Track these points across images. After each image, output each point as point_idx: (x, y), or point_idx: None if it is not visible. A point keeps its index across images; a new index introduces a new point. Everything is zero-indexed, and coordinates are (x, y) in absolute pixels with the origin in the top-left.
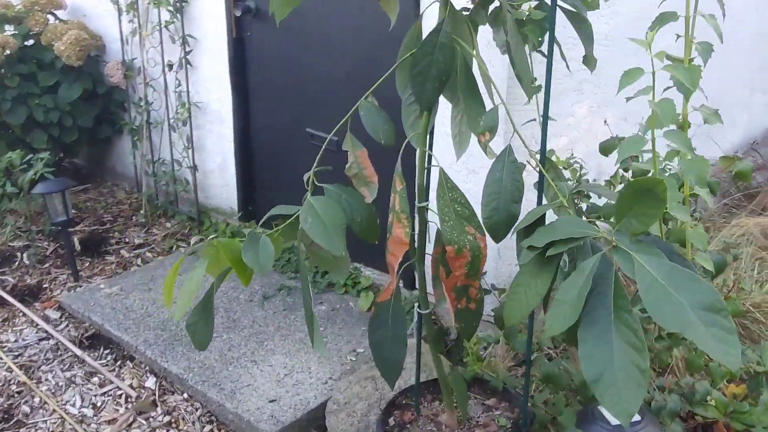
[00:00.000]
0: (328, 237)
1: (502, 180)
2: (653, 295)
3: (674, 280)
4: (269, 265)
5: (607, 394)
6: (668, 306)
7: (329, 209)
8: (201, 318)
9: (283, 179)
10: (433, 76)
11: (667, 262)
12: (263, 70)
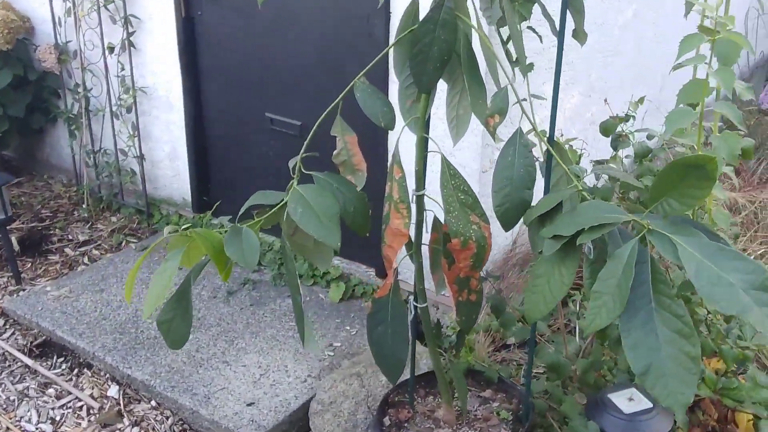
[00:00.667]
0: (323, 228)
1: (514, 165)
2: (704, 278)
3: (720, 260)
4: (255, 258)
5: (658, 385)
6: (721, 288)
7: (321, 198)
8: (177, 313)
9: (242, 167)
10: (434, 56)
11: (710, 242)
12: (216, 52)
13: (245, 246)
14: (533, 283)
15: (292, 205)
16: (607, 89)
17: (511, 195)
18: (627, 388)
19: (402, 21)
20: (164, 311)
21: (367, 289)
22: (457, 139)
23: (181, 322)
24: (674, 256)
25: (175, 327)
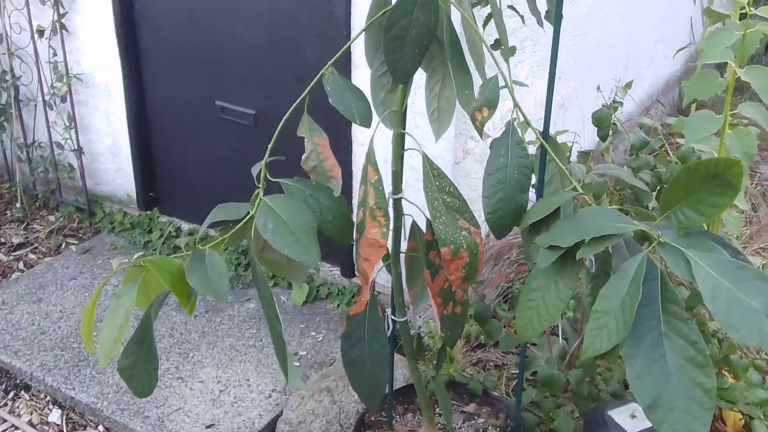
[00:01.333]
0: (299, 245)
1: (507, 166)
2: (722, 302)
3: (741, 281)
4: (225, 286)
5: (667, 421)
6: (740, 314)
7: (294, 210)
8: (139, 357)
9: (191, 160)
10: (412, 41)
11: (728, 259)
12: (159, 35)
13: (211, 273)
14: (527, 297)
15: (261, 221)
16: (576, 70)
17: (505, 200)
18: (627, 403)
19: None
20: (124, 355)
21: (332, 289)
22: (440, 133)
23: (144, 368)
24: (688, 273)
25: (138, 373)
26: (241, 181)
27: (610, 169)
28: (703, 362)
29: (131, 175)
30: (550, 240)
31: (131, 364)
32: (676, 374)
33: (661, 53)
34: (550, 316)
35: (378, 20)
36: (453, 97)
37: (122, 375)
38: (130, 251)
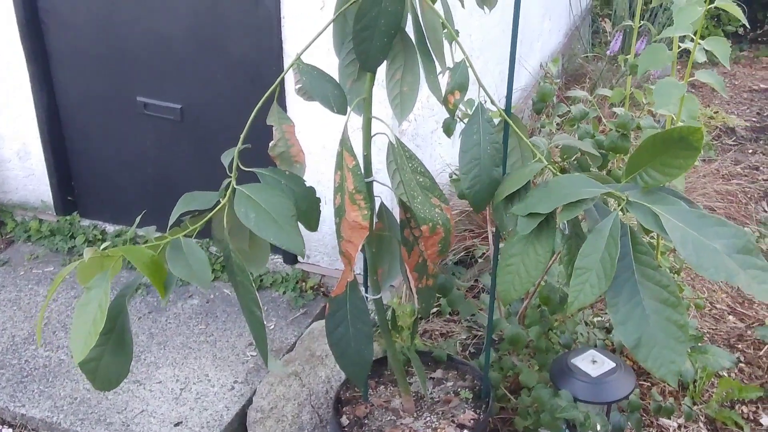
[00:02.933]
0: (283, 233)
1: (481, 143)
2: (690, 246)
3: (703, 228)
4: (208, 274)
5: (650, 357)
6: (707, 255)
7: (274, 198)
8: (107, 348)
9: (112, 159)
10: (381, 30)
11: (690, 210)
12: (68, 32)
13: (192, 261)
14: (507, 262)
15: (242, 210)
16: (485, 47)
17: (481, 176)
18: (586, 351)
19: None
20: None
21: (276, 277)
22: (403, 117)
23: (112, 358)
24: (657, 226)
25: (104, 365)
26: (168, 176)
27: (567, 139)
28: (675, 302)
29: (45, 180)
30: (529, 208)
31: (97, 356)
32: (653, 315)
33: (548, 28)
34: (531, 278)
35: (343, 12)
36: (415, 83)
37: (84, 369)
38: (53, 259)
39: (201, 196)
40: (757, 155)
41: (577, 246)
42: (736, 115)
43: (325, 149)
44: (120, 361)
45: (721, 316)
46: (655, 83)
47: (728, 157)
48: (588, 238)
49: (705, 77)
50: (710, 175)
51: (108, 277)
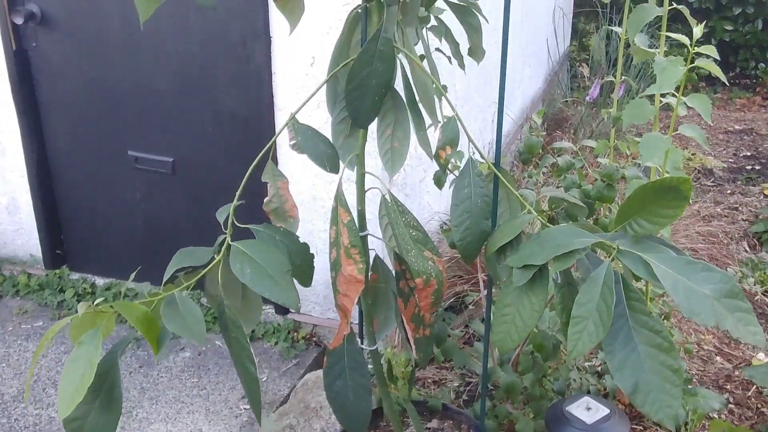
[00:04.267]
0: (279, 289)
1: (471, 197)
2: (681, 292)
3: (691, 274)
4: (203, 330)
5: (647, 402)
6: (697, 301)
7: (269, 254)
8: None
9: (102, 212)
10: (372, 90)
11: (678, 257)
12: (59, 87)
13: (187, 317)
14: (502, 312)
15: (238, 266)
16: (467, 96)
17: (472, 228)
18: (580, 397)
19: (334, 53)
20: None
21: (267, 328)
22: (394, 172)
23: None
24: (649, 274)
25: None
26: (158, 228)
27: (554, 191)
28: (669, 347)
29: (34, 234)
30: (523, 260)
31: (83, 414)
32: (648, 361)
33: (528, 75)
34: (527, 327)
35: (335, 73)
36: (406, 138)
37: (68, 427)
38: (42, 314)
39: (195, 252)
40: (735, 195)
41: (570, 294)
42: (714, 156)
43: (316, 200)
44: (107, 419)
45: (709, 357)
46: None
47: (708, 197)
48: (583, 288)
49: (688, 132)
50: (692, 216)
51: (100, 333)
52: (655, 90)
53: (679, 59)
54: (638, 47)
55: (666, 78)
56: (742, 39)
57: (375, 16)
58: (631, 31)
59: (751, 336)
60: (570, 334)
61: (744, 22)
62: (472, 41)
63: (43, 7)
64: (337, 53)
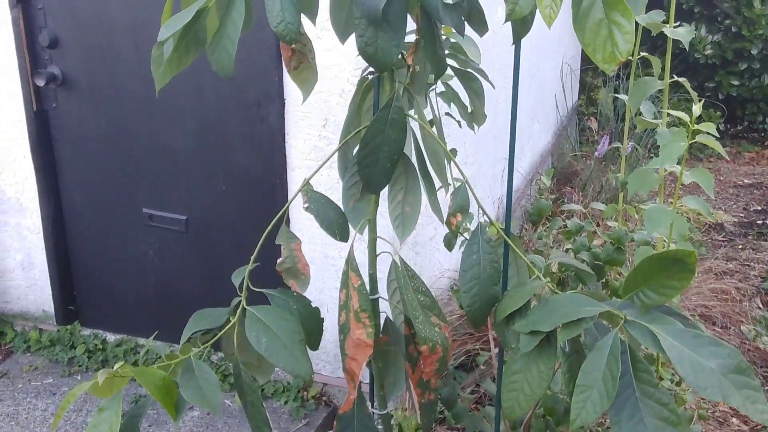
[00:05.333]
0: (293, 359)
1: (480, 263)
2: (688, 366)
3: (698, 347)
4: (219, 399)
5: None
6: (704, 376)
7: (284, 322)
8: None
9: (115, 269)
10: (384, 156)
11: (686, 330)
12: (77, 146)
13: (204, 385)
14: (510, 379)
15: (253, 334)
16: (477, 154)
17: (480, 294)
18: None
19: (346, 120)
20: None
21: (277, 387)
22: (404, 237)
23: None
24: (656, 345)
25: None
26: (171, 285)
27: (564, 257)
28: (676, 420)
29: (47, 290)
30: (531, 326)
31: None
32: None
33: (537, 130)
34: (535, 395)
35: (347, 141)
36: (417, 203)
37: None
38: (52, 370)
39: (211, 314)
40: (746, 251)
41: (577, 363)
42: (724, 210)
43: (327, 258)
44: None
45: (725, 419)
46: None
47: (719, 253)
48: (589, 357)
49: (692, 204)
50: (703, 273)
51: (119, 399)
52: (658, 164)
53: (682, 132)
54: (641, 118)
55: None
56: (749, 93)
57: (387, 84)
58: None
59: (759, 414)
60: (574, 402)
61: (750, 77)
62: (474, 106)
63: (64, 69)
64: (348, 120)
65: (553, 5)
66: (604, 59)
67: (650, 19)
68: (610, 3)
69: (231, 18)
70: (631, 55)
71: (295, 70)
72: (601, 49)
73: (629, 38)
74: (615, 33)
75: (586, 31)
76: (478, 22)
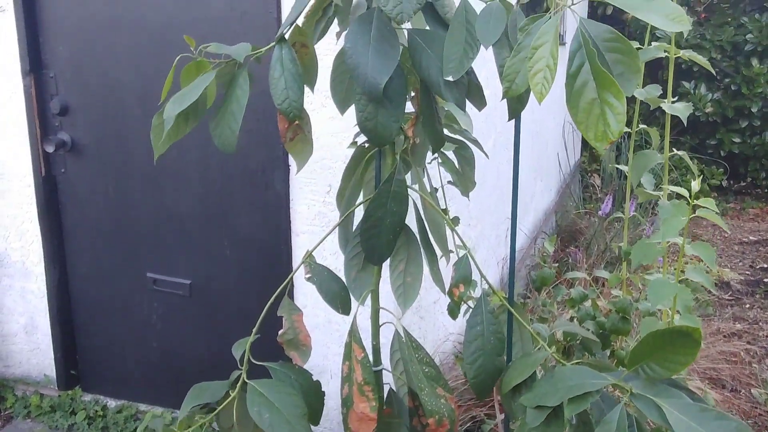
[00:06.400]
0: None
1: (484, 334)
2: None
3: (705, 421)
4: None
5: None
6: None
7: (286, 397)
8: None
9: (118, 333)
10: (387, 229)
11: (691, 403)
12: (84, 211)
13: None
14: None
15: (255, 409)
16: (481, 215)
17: (485, 365)
18: None
19: (347, 192)
20: None
21: None
22: (407, 306)
23: None
24: (662, 419)
25: None
26: (173, 350)
27: (568, 326)
28: None
29: (50, 354)
30: (537, 401)
31: None
32: None
33: (540, 189)
34: None
35: (348, 215)
36: (419, 273)
37: None
38: None
39: (210, 387)
40: (754, 310)
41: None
42: (730, 268)
43: (331, 323)
44: None
45: None
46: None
47: (726, 312)
48: (597, 430)
49: (696, 276)
50: (712, 335)
51: None
52: (660, 237)
53: (682, 205)
54: (642, 190)
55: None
56: (751, 150)
57: (389, 158)
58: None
59: None
60: None
61: (751, 135)
62: (465, 173)
63: (74, 135)
64: (349, 192)
65: (544, 82)
66: (596, 138)
67: (648, 94)
68: (603, 83)
69: (235, 96)
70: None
71: (290, 141)
72: (594, 127)
73: (621, 119)
74: (607, 113)
75: (579, 109)
76: (478, 98)
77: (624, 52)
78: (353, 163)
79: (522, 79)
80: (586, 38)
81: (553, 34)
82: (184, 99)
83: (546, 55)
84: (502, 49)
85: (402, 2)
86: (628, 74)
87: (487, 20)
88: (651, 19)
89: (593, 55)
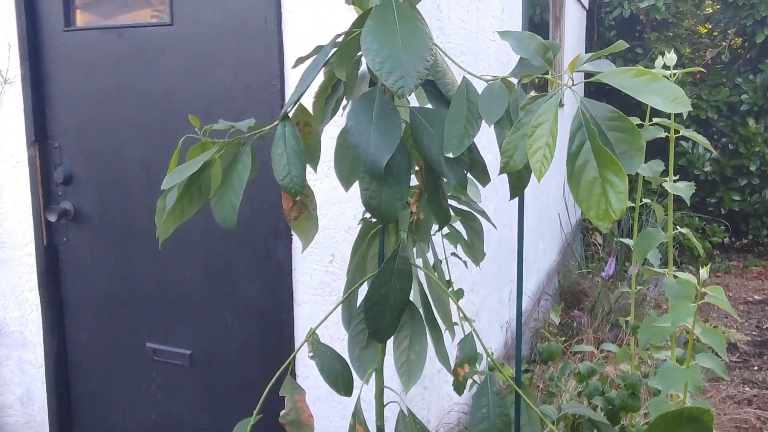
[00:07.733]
0: None
1: (490, 417)
2: None
3: None
4: None
5: None
6: None
7: None
8: None
9: (116, 404)
10: (391, 306)
11: None
12: (85, 280)
13: None
14: None
15: None
16: (484, 279)
17: None
18: None
19: (351, 268)
20: None
21: None
22: (410, 385)
23: None
24: None
25: None
26: (172, 420)
27: (577, 407)
28: None
29: (45, 427)
30: None
31: None
32: None
33: (542, 249)
34: None
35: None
36: (423, 351)
37: None
38: None
39: None
40: (763, 372)
41: None
42: (736, 329)
43: (333, 395)
44: None
45: None
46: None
47: (735, 376)
48: None
49: (706, 362)
50: (722, 402)
51: None
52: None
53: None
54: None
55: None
56: (751, 208)
57: (392, 235)
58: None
59: None
60: None
61: (751, 193)
62: (474, 243)
63: (76, 204)
64: (353, 267)
65: (543, 160)
66: (598, 216)
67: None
68: (604, 162)
69: (237, 170)
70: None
71: (295, 220)
72: (595, 206)
73: (623, 197)
74: (609, 192)
75: (581, 188)
76: (481, 174)
77: (626, 131)
78: (359, 238)
79: (520, 155)
80: (587, 117)
81: (554, 113)
82: (183, 172)
83: (546, 133)
84: (503, 129)
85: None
86: (631, 152)
87: (490, 100)
88: (652, 101)
89: (594, 134)
